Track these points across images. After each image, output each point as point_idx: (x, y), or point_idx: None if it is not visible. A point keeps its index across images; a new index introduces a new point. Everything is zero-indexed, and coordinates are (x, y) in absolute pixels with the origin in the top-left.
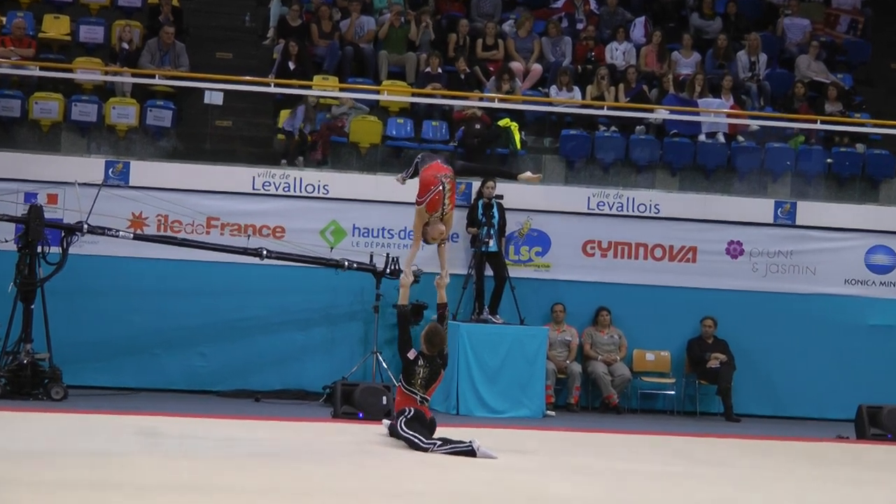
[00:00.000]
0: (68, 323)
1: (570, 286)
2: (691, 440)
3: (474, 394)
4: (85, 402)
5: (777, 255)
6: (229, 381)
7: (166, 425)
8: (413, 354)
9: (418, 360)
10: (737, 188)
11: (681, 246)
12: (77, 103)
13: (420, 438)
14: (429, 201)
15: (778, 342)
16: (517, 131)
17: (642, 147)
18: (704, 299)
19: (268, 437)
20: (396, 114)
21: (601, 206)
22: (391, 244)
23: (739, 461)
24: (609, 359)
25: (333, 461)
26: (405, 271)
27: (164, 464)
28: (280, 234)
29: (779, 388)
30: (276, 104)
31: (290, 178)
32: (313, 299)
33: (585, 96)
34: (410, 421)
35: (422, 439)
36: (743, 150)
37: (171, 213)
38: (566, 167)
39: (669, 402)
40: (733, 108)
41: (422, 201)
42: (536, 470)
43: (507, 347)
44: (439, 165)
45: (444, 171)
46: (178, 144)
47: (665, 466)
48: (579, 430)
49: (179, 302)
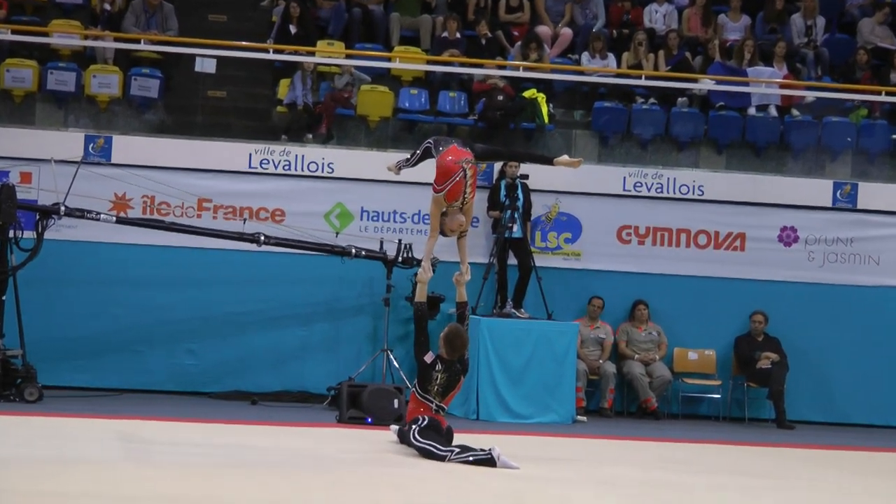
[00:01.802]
0: (43, 316)
1: (603, 277)
2: (739, 449)
3: (496, 397)
4: (62, 404)
5: (836, 243)
6: (222, 382)
7: (152, 430)
8: (430, 358)
9: (436, 364)
10: (790, 167)
11: (727, 232)
12: (53, 71)
13: (436, 446)
14: (448, 190)
15: (836, 340)
16: (544, 104)
17: (684, 121)
18: (754, 292)
19: (265, 445)
20: (409, 84)
21: (638, 188)
22: (403, 229)
23: (793, 474)
24: (647, 358)
25: (338, 471)
26: (423, 265)
27: (149, 473)
28: (279, 218)
29: (837, 392)
30: (274, 72)
31: (291, 156)
32: (316, 291)
33: (621, 64)
34: (424, 430)
35: (438, 447)
36: (797, 124)
37: (158, 193)
38: (599, 144)
39: (714, 407)
40: (787, 78)
41: (440, 189)
42: (564, 482)
43: (533, 345)
44: (458, 149)
45: (464, 156)
46: (166, 117)
47: (708, 479)
48: (613, 437)
49: (167, 293)
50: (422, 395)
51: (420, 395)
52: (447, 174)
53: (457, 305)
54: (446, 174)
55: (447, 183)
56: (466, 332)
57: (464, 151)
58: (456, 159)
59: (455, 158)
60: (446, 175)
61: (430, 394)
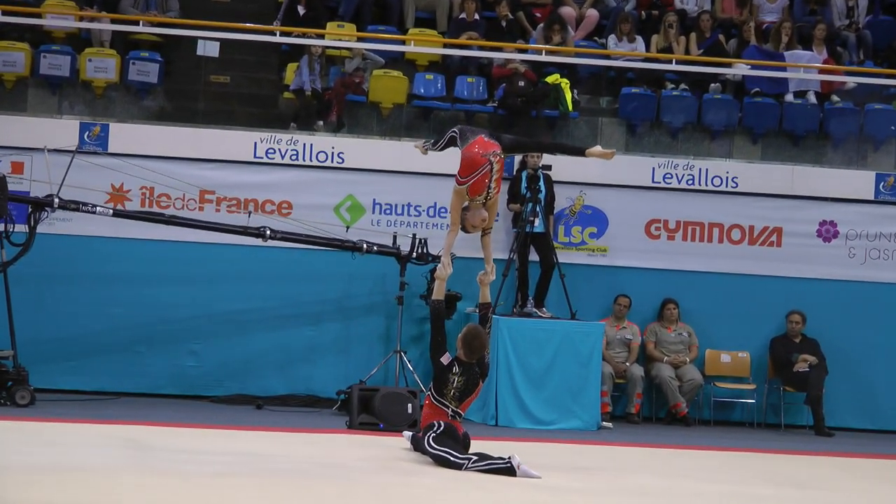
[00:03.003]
0: (36, 315)
1: (630, 274)
2: (774, 457)
3: (516, 401)
4: (55, 408)
5: (878, 238)
6: (225, 385)
7: (151, 436)
8: (447, 360)
9: (453, 366)
10: (830, 158)
11: (763, 227)
12: (46, 55)
13: (452, 454)
14: (472, 183)
15: (878, 342)
16: (568, 90)
17: (717, 109)
18: (791, 290)
19: (271, 452)
20: (425, 68)
21: (668, 179)
22: (418, 223)
23: (832, 484)
24: (677, 360)
25: (349, 480)
26: (443, 261)
27: (148, 482)
28: (286, 211)
29: (879, 397)
30: (281, 56)
31: (299, 145)
32: (325, 288)
33: (650, 48)
34: (440, 436)
35: (454, 454)
36: (838, 112)
37: (158, 185)
38: (627, 132)
39: (749, 413)
40: (827, 63)
41: (463, 182)
42: (588, 492)
43: (556, 347)
44: (486, 141)
45: (492, 149)
46: (166, 104)
47: (742, 488)
48: (641, 444)
49: (167, 291)
50: (437, 399)
51: (435, 399)
52: (473, 166)
53: (479, 307)
54: (472, 166)
55: (472, 176)
56: (487, 334)
57: (491, 143)
58: (483, 151)
59: (482, 150)
60: (472, 167)
61: (445, 398)
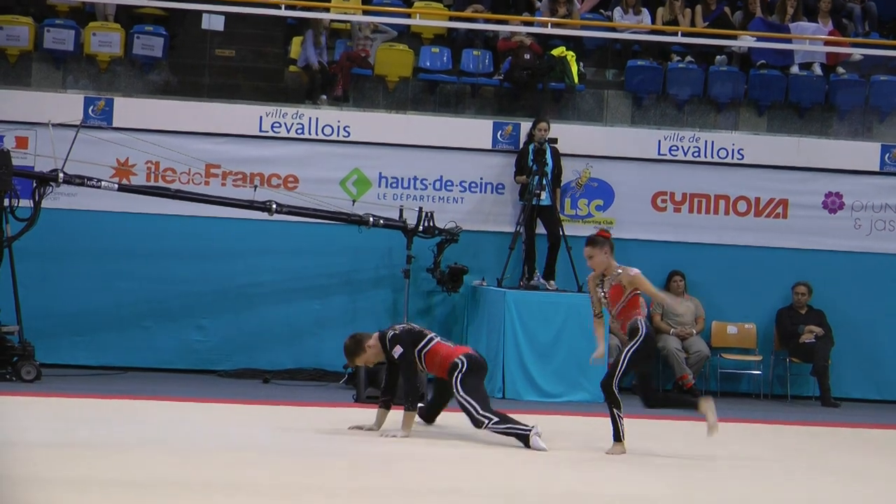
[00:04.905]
0: (41, 290)
1: (637, 246)
2: (781, 428)
3: (523, 374)
4: (61, 383)
5: (884, 209)
6: (233, 359)
7: (158, 411)
8: (398, 352)
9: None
10: (836, 130)
11: (769, 199)
12: (50, 29)
13: (477, 408)
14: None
15: (884, 312)
16: (574, 62)
17: (723, 81)
18: (797, 262)
19: (278, 426)
20: (430, 41)
21: (674, 152)
22: (424, 196)
23: (838, 454)
24: (684, 332)
25: (356, 453)
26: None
27: (155, 457)
28: (292, 185)
29: (885, 367)
30: (287, 30)
31: (305, 119)
32: (332, 262)
33: (656, 20)
34: (466, 377)
35: (478, 410)
36: (844, 84)
37: (164, 159)
38: (633, 105)
39: (755, 384)
40: (832, 34)
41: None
42: (593, 464)
43: (563, 319)
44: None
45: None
46: (171, 78)
47: (747, 459)
48: (647, 416)
49: (173, 265)
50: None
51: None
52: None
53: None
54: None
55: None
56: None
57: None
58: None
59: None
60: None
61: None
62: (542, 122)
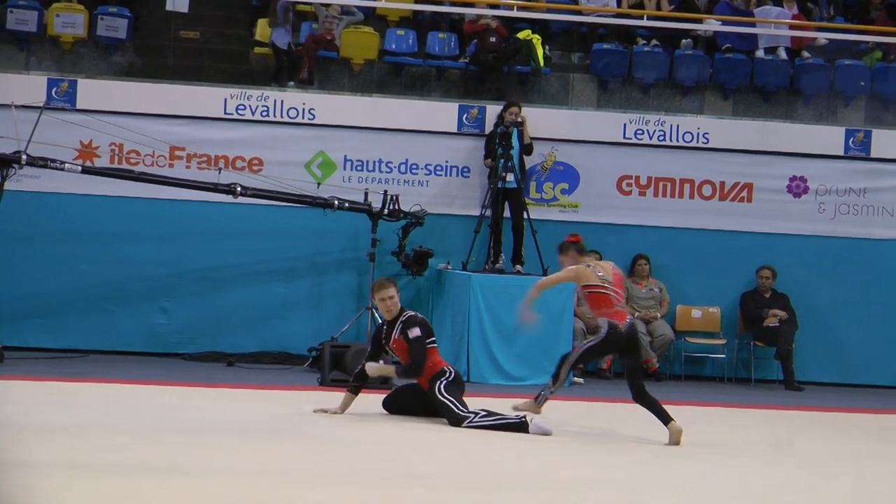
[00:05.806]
0: (3, 273)
1: (602, 230)
2: (745, 412)
3: (488, 358)
4: (23, 366)
5: (848, 193)
6: (197, 342)
7: (120, 394)
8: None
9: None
10: (801, 114)
11: (734, 182)
12: (13, 10)
13: (456, 405)
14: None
15: (848, 297)
16: (540, 45)
17: (689, 64)
18: (761, 246)
19: (243, 409)
20: (396, 24)
21: (639, 135)
22: (389, 179)
23: (802, 437)
24: (648, 316)
25: (322, 437)
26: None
27: (116, 440)
28: (257, 168)
29: (848, 352)
30: (252, 12)
31: (269, 101)
32: (297, 245)
33: (621, 3)
34: (451, 385)
35: (458, 406)
36: (808, 68)
37: (127, 141)
38: (598, 88)
39: (719, 368)
40: (797, 18)
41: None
42: (558, 449)
43: None
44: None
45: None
46: (135, 60)
47: (711, 443)
48: (612, 400)
49: (137, 248)
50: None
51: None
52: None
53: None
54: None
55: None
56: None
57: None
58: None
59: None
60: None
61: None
62: (514, 107)
